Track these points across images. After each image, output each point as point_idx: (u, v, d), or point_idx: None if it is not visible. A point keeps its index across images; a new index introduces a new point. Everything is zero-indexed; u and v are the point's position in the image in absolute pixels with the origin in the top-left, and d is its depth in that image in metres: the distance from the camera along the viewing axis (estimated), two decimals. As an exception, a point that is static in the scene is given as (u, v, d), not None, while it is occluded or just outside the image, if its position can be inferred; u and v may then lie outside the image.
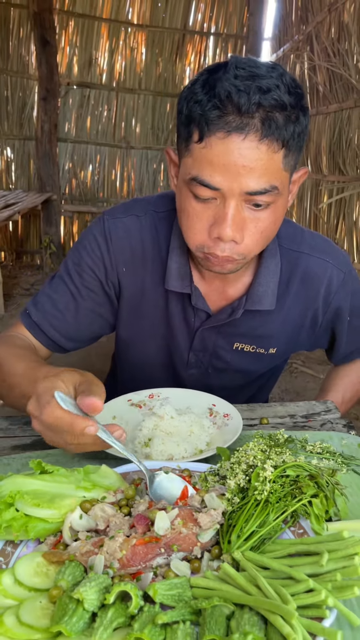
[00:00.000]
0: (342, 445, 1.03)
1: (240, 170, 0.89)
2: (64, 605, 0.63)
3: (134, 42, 5.88)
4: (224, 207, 0.94)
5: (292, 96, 0.90)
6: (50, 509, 0.75)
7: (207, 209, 0.96)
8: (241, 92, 0.86)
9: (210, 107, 0.88)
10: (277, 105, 0.88)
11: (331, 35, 3.96)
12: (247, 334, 1.20)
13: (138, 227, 1.17)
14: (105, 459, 0.98)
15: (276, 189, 0.93)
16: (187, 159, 0.95)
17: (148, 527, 0.74)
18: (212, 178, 0.91)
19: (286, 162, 0.94)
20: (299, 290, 1.18)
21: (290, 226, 1.21)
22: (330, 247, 1.22)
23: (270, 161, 0.90)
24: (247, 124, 0.87)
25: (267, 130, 0.88)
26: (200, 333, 1.20)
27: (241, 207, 0.94)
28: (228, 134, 0.88)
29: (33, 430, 1.11)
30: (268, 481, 0.76)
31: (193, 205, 0.97)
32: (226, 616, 0.63)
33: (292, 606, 0.59)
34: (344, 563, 0.66)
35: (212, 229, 0.96)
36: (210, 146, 0.90)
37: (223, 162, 0.89)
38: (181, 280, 1.15)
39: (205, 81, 0.91)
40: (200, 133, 0.91)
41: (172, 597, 0.65)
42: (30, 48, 5.74)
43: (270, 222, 0.98)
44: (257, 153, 0.89)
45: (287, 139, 0.90)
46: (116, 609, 0.62)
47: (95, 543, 0.72)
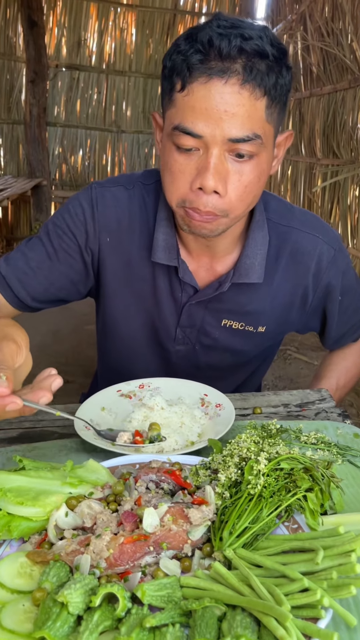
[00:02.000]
0: (337, 435, 1.00)
1: (222, 116, 0.89)
2: (48, 608, 0.60)
3: (123, 23, 5.77)
4: (207, 156, 0.93)
5: (275, 48, 0.91)
6: (34, 507, 0.72)
7: (189, 160, 0.95)
8: (222, 36, 0.88)
9: (192, 52, 0.89)
10: (259, 52, 0.89)
11: (325, 15, 3.88)
12: (235, 310, 1.18)
13: (126, 198, 1.16)
14: (94, 451, 0.95)
15: (259, 138, 0.93)
16: (170, 110, 0.95)
17: (136, 524, 0.71)
18: (194, 125, 0.91)
19: (269, 114, 0.93)
20: (288, 265, 1.16)
21: (280, 202, 1.20)
22: (320, 224, 1.20)
23: (253, 108, 0.90)
24: (229, 69, 0.88)
25: (248, 75, 0.89)
26: (188, 308, 1.18)
27: (224, 158, 0.93)
28: (209, 78, 0.89)
29: (19, 423, 1.08)
30: (262, 475, 0.73)
31: (175, 158, 0.96)
32: (218, 617, 0.60)
33: (286, 607, 0.57)
34: (340, 560, 0.63)
35: (195, 179, 0.95)
36: (192, 92, 0.90)
37: (205, 106, 0.89)
38: (168, 253, 1.13)
39: (188, 34, 0.93)
40: (183, 81, 0.91)
41: (161, 598, 0.62)
42: (17, 29, 5.61)
43: (254, 175, 0.96)
44: (239, 98, 0.89)
45: (269, 87, 0.91)
46: (102, 611, 0.60)
47: (81, 542, 0.69)
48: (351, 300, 1.25)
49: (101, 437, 0.93)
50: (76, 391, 2.71)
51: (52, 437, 1.04)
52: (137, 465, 0.86)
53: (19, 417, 1.10)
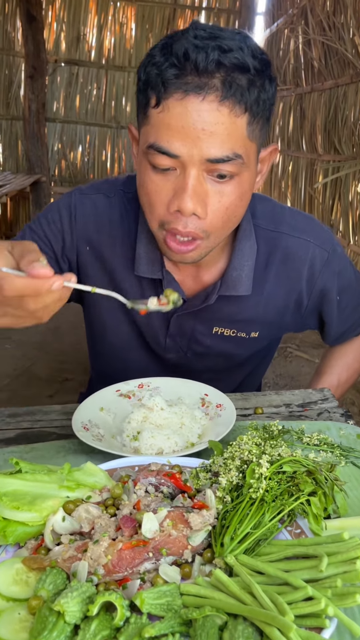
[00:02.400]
0: (340, 436, 0.98)
1: (199, 135, 0.84)
2: (44, 617, 0.58)
3: (123, 18, 5.73)
4: (184, 177, 0.87)
5: (257, 60, 0.85)
6: (30, 512, 0.70)
7: (166, 181, 0.89)
8: (199, 49, 0.82)
9: (167, 66, 0.83)
10: (239, 66, 0.83)
11: (326, 8, 3.85)
12: (225, 319, 1.15)
13: (107, 207, 1.12)
14: (92, 453, 0.93)
15: (240, 157, 0.87)
16: (145, 127, 0.90)
17: (135, 529, 0.69)
18: (170, 144, 0.85)
19: (251, 130, 0.88)
20: (279, 272, 1.12)
21: (268, 204, 1.15)
22: (311, 226, 1.15)
23: (233, 126, 0.85)
24: (206, 84, 0.82)
25: (227, 91, 0.83)
26: (176, 318, 1.14)
27: (203, 178, 0.88)
28: (186, 94, 0.83)
29: (16, 423, 1.07)
30: (264, 478, 0.71)
31: (152, 178, 0.90)
32: (219, 627, 0.58)
33: (290, 617, 0.55)
34: (344, 568, 0.61)
35: (172, 202, 0.90)
36: (167, 109, 0.84)
37: (181, 124, 0.84)
38: (151, 265, 1.09)
39: (164, 44, 0.86)
40: (158, 96, 0.85)
41: (161, 606, 0.60)
42: (15, 24, 5.57)
43: (235, 196, 0.91)
44: (218, 116, 0.83)
45: (250, 103, 0.85)
46: (100, 620, 0.58)
47: (78, 548, 0.67)
48: (350, 298, 1.22)
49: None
50: (75, 389, 2.70)
51: (50, 438, 1.02)
52: (136, 468, 0.85)
53: (17, 418, 1.08)
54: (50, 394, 2.83)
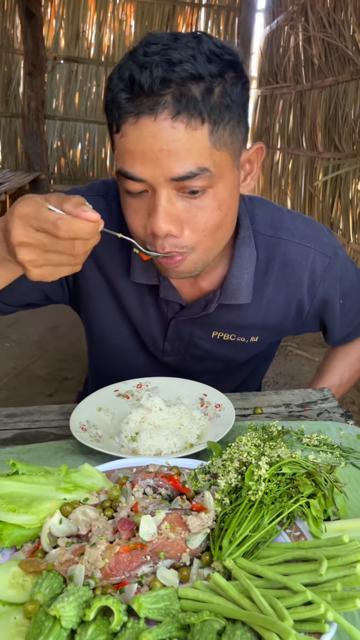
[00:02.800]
0: (340, 436, 0.98)
1: (158, 155, 0.81)
2: (40, 622, 0.57)
3: (122, 14, 5.72)
4: (155, 198, 0.86)
5: (214, 64, 0.81)
6: (27, 515, 0.69)
7: (141, 202, 0.88)
8: (143, 69, 0.79)
9: (117, 92, 0.81)
10: (190, 78, 0.79)
11: (326, 5, 3.83)
12: (225, 325, 1.13)
13: (106, 211, 1.07)
14: (90, 454, 0.93)
15: (207, 170, 0.84)
16: (115, 152, 0.88)
17: (133, 532, 0.68)
18: (133, 168, 0.84)
19: (216, 139, 0.83)
20: (279, 279, 1.10)
21: (267, 209, 1.12)
22: (311, 230, 1.12)
23: (192, 140, 0.81)
24: (157, 103, 0.79)
25: (179, 106, 0.79)
26: (175, 324, 1.13)
27: (174, 197, 0.86)
28: (138, 117, 0.80)
29: (14, 424, 1.06)
30: (263, 480, 0.71)
31: (128, 202, 0.90)
32: (217, 632, 0.58)
33: (289, 622, 0.54)
34: (344, 572, 0.61)
35: (147, 224, 0.88)
36: (125, 134, 0.83)
37: (140, 148, 0.82)
38: (147, 272, 1.07)
39: (120, 66, 0.84)
40: (116, 122, 0.84)
41: (159, 610, 0.59)
42: (15, 21, 5.57)
43: (212, 209, 0.88)
44: (174, 133, 0.80)
45: (207, 112, 0.81)
46: (97, 625, 0.57)
47: (75, 551, 0.66)
48: (353, 302, 1.20)
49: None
50: (74, 388, 2.69)
51: (48, 439, 1.01)
52: (134, 469, 0.84)
53: (14, 418, 1.08)
54: (50, 392, 2.83)
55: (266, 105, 5.57)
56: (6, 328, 3.59)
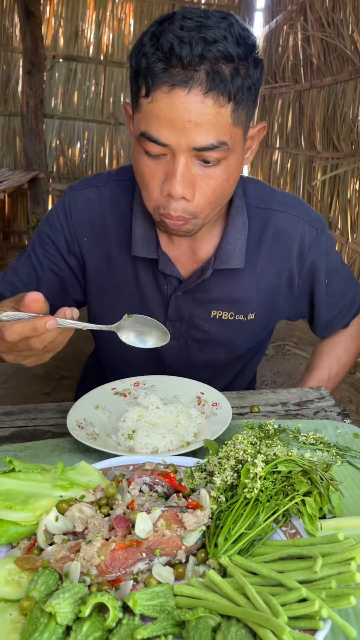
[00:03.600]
0: (337, 435, 0.98)
1: (186, 125, 0.87)
2: (35, 618, 0.58)
3: (121, 13, 5.69)
4: (174, 163, 0.92)
5: (241, 47, 0.88)
6: (23, 512, 0.70)
7: (158, 165, 0.94)
8: (184, 44, 0.84)
9: (155, 60, 0.86)
10: (222, 57, 0.86)
11: (325, 5, 3.83)
12: (221, 299, 1.17)
13: (97, 198, 1.17)
14: (87, 452, 0.93)
15: (225, 144, 0.91)
16: (137, 114, 0.93)
17: (129, 529, 0.69)
18: (159, 133, 0.89)
19: (235, 117, 0.91)
20: (271, 248, 1.15)
21: (259, 186, 1.19)
22: (301, 204, 1.19)
23: (218, 116, 0.88)
24: (192, 77, 0.85)
25: (211, 84, 0.86)
26: (174, 300, 1.16)
27: (191, 163, 0.92)
28: (172, 88, 0.86)
29: (11, 422, 1.06)
30: (259, 478, 0.71)
31: (145, 162, 0.95)
32: (212, 628, 0.58)
33: (283, 619, 0.55)
34: (339, 569, 0.61)
35: (164, 186, 0.94)
36: (156, 100, 0.88)
37: (169, 116, 0.88)
38: (147, 246, 1.12)
39: (153, 33, 0.89)
40: (147, 87, 0.89)
41: (154, 607, 0.60)
42: (13, 19, 5.54)
43: (222, 179, 0.95)
44: (203, 107, 0.87)
45: (234, 92, 0.88)
46: (92, 622, 0.58)
47: (71, 548, 0.67)
48: (338, 284, 1.24)
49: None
50: (72, 386, 2.68)
51: (45, 437, 1.01)
52: (130, 467, 0.84)
53: (11, 416, 1.08)
54: (48, 391, 2.82)
55: (265, 104, 5.56)
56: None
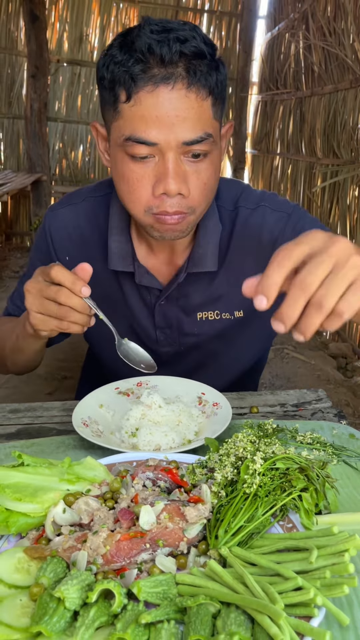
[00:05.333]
0: (333, 435, 1.01)
1: (173, 121, 0.91)
2: (45, 603, 0.60)
3: (125, 19, 5.76)
4: (164, 161, 0.94)
5: (209, 47, 0.93)
6: (32, 503, 0.73)
7: (146, 168, 0.96)
8: (161, 43, 0.89)
9: (133, 63, 0.90)
10: (197, 54, 0.91)
11: (327, 14, 3.88)
12: (203, 302, 1.19)
13: (74, 215, 1.21)
14: (91, 448, 0.96)
15: (211, 136, 0.95)
16: (117, 122, 0.96)
17: (133, 521, 0.72)
18: (147, 133, 0.92)
19: (215, 111, 0.97)
20: (239, 244, 1.16)
21: (232, 186, 1.21)
22: (269, 196, 1.19)
23: (201, 109, 0.93)
24: (173, 74, 0.90)
25: (192, 78, 0.91)
26: (159, 309, 1.19)
27: (180, 160, 0.95)
28: (156, 86, 0.90)
29: (17, 419, 1.09)
30: (257, 474, 0.74)
31: (131, 168, 0.97)
32: (212, 615, 0.61)
33: (280, 605, 0.58)
34: (333, 560, 0.64)
35: (156, 186, 0.96)
36: (139, 102, 0.91)
37: (155, 114, 0.91)
38: (123, 259, 1.15)
39: (121, 43, 0.93)
40: (128, 92, 0.91)
41: (157, 594, 0.63)
42: (19, 23, 5.60)
43: (210, 172, 0.99)
44: (187, 101, 0.91)
45: (212, 86, 0.94)
46: (99, 607, 0.60)
47: (78, 538, 0.70)
48: None
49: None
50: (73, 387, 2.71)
51: (50, 434, 1.04)
52: (134, 463, 0.87)
53: (17, 414, 1.11)
54: (50, 391, 2.85)
55: (266, 111, 5.61)
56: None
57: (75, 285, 0.90)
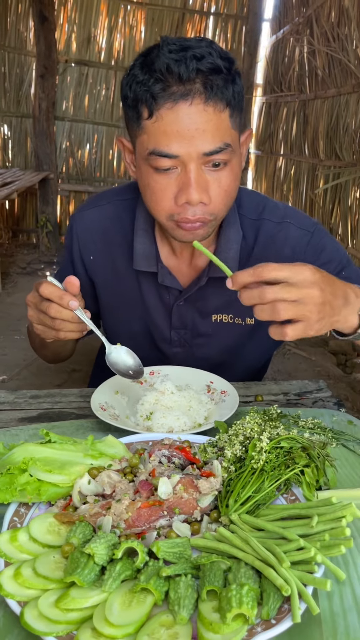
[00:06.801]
0: (333, 422, 1.08)
1: (193, 134, 0.97)
2: (76, 559, 0.68)
3: (133, 20, 5.81)
4: (186, 172, 1.01)
5: (225, 61, 0.99)
6: (60, 475, 0.80)
7: (169, 179, 1.03)
8: (179, 62, 0.95)
9: (153, 82, 0.97)
10: (214, 69, 0.97)
11: (331, 20, 3.95)
12: (220, 305, 1.25)
13: (98, 217, 1.28)
14: (108, 430, 1.03)
15: (229, 146, 1.01)
16: (142, 137, 1.03)
17: (152, 492, 0.80)
18: (169, 147, 0.99)
19: (233, 121, 1.02)
20: (261, 254, 1.21)
21: (253, 197, 1.27)
22: (292, 211, 1.26)
23: (219, 120, 0.99)
24: (191, 90, 0.96)
25: (209, 93, 0.97)
26: (177, 309, 1.26)
27: (201, 170, 1.02)
28: (175, 103, 0.96)
29: (38, 404, 1.17)
30: (264, 451, 0.82)
31: (155, 179, 1.03)
32: (223, 571, 0.69)
33: (286, 563, 0.65)
34: (332, 525, 0.72)
35: (179, 196, 1.03)
36: (161, 118, 0.98)
37: (176, 129, 0.97)
38: (147, 260, 1.22)
39: (142, 64, 1.00)
40: (149, 109, 0.98)
41: (174, 554, 0.70)
42: (28, 24, 5.67)
43: (230, 180, 1.05)
44: (206, 115, 0.97)
45: (229, 98, 1.00)
46: (123, 563, 0.68)
47: (103, 506, 0.77)
48: (351, 273, 1.23)
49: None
50: (82, 379, 2.79)
51: (69, 418, 1.12)
52: (150, 443, 0.95)
53: (38, 399, 1.19)
54: (59, 383, 2.93)
55: (270, 112, 5.68)
56: (16, 321, 3.69)
57: (63, 300, 0.97)
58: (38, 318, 1.03)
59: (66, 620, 0.61)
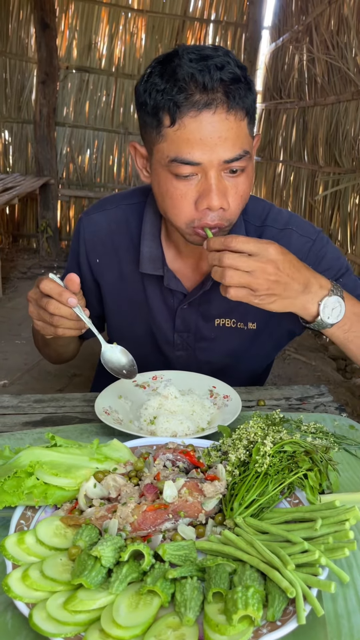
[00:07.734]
0: (334, 426, 1.10)
1: (216, 142, 0.99)
2: (83, 561, 0.69)
3: (133, 28, 5.85)
4: (207, 179, 1.02)
5: (241, 70, 1.02)
6: (67, 478, 0.81)
7: (190, 185, 1.04)
8: (203, 72, 0.97)
9: (177, 92, 0.98)
10: (234, 79, 0.99)
11: (331, 28, 3.98)
12: (224, 308, 1.26)
13: (106, 221, 1.29)
14: (112, 435, 1.04)
15: (248, 153, 1.04)
16: (161, 144, 1.04)
17: (157, 495, 0.80)
18: (191, 155, 1.00)
19: (250, 129, 1.05)
20: None
21: (258, 204, 1.29)
22: (295, 219, 1.27)
23: (239, 129, 1.01)
24: (214, 99, 0.98)
25: (232, 102, 0.99)
26: (181, 313, 1.27)
27: (221, 177, 1.03)
28: (199, 112, 0.98)
29: (42, 408, 1.18)
30: (268, 455, 0.83)
31: (175, 185, 1.05)
32: (229, 573, 0.69)
33: (291, 566, 0.66)
34: (335, 528, 0.73)
35: (200, 202, 1.04)
36: (184, 126, 0.99)
37: (199, 137, 0.99)
38: (153, 264, 1.24)
39: (162, 71, 1.01)
40: (172, 117, 1.00)
41: (179, 557, 0.71)
42: (29, 31, 5.70)
43: (246, 185, 1.08)
44: (227, 123, 1.00)
45: (248, 107, 1.02)
46: (130, 565, 0.69)
47: (109, 509, 0.78)
48: (348, 281, 1.24)
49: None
50: (83, 384, 2.80)
51: (73, 422, 1.13)
52: (154, 447, 0.96)
53: (42, 404, 1.20)
54: (60, 388, 2.94)
55: (270, 119, 5.72)
56: (17, 326, 3.70)
57: (62, 296, 0.98)
58: (38, 314, 1.05)
59: (74, 621, 0.62)
